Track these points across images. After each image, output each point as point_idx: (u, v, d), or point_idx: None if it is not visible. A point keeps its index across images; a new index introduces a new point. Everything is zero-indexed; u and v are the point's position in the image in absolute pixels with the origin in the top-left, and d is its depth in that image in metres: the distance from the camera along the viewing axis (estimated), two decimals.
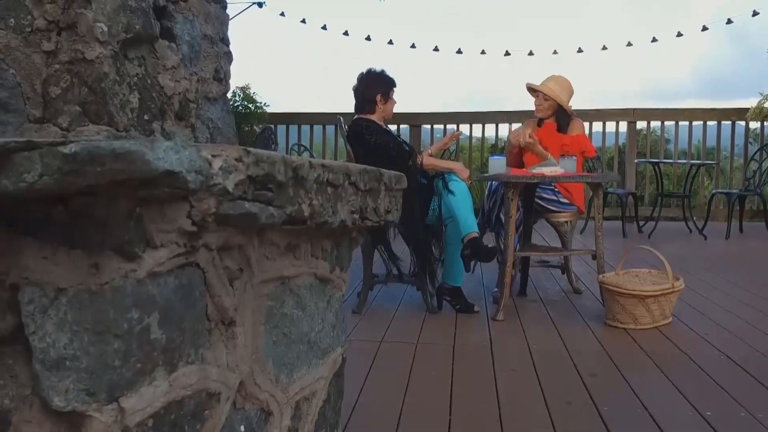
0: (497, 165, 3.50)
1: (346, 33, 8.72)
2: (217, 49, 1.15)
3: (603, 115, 7.51)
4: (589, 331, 3.13)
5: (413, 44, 8.59)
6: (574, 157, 3.66)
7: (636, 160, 7.05)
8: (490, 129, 7.87)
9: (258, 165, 0.81)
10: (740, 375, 2.52)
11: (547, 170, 3.37)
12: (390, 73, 3.58)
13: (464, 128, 7.91)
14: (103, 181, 0.64)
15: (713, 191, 6.82)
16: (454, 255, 3.40)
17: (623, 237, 6.32)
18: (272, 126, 6.37)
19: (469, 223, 3.23)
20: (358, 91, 3.52)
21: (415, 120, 7.76)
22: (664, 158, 7.76)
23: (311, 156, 7.49)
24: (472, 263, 3.26)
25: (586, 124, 7.48)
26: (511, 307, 3.52)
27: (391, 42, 8.41)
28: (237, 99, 7.51)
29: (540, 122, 4.04)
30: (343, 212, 1.07)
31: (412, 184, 3.29)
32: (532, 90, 4.00)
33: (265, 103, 7.64)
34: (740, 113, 7.19)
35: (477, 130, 7.98)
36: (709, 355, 2.76)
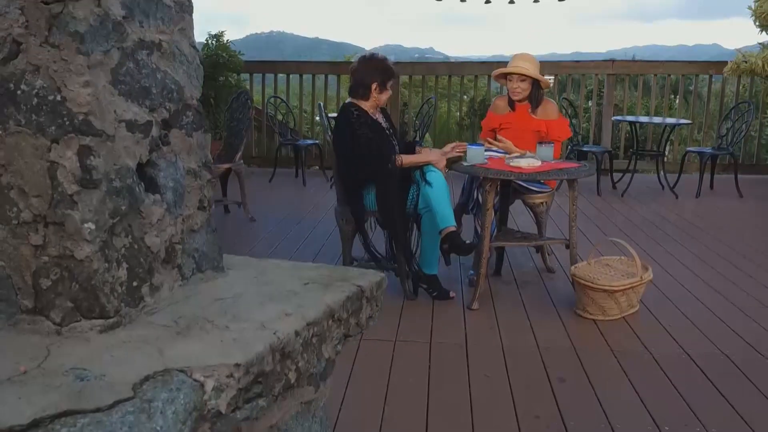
0: (475, 154, 3.52)
1: None
2: (200, 181, 1.15)
3: (581, 67, 7.47)
4: (560, 323, 3.26)
5: None
6: (552, 144, 3.69)
7: (613, 118, 7.08)
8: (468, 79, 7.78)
9: (248, 373, 0.86)
10: (699, 379, 2.68)
11: (525, 162, 3.40)
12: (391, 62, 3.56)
13: (443, 80, 7.81)
14: None
15: (686, 149, 6.91)
16: (430, 244, 3.48)
17: (598, 194, 6.43)
18: (248, 90, 6.24)
19: (446, 217, 3.29)
20: (356, 73, 3.49)
21: None
22: (640, 104, 7.83)
23: (288, 108, 7.38)
24: (450, 257, 3.34)
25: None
26: (486, 292, 3.63)
27: None
28: (210, 48, 7.29)
29: (512, 103, 4.01)
30: (327, 350, 1.12)
31: (391, 183, 3.33)
32: (501, 76, 3.97)
33: (239, 52, 7.43)
34: (718, 67, 7.20)
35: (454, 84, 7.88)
36: (671, 354, 2.92)
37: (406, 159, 3.39)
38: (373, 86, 3.41)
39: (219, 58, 7.22)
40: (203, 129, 1.18)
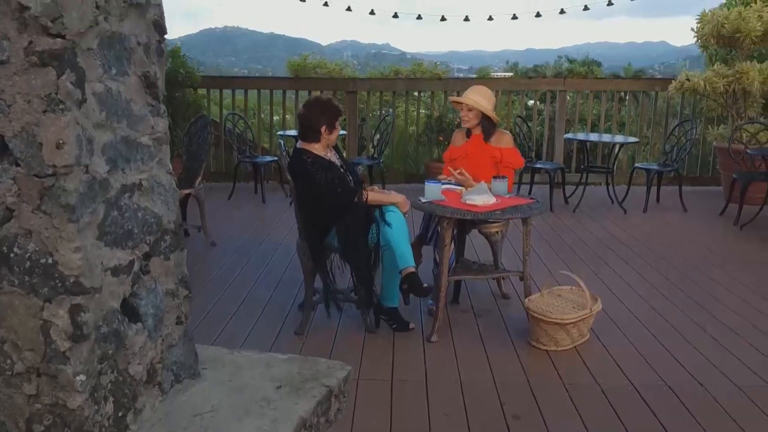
0: (432, 191, 3.64)
1: None
2: (178, 299, 1.23)
3: (534, 83, 7.69)
4: (515, 355, 3.41)
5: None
6: (506, 179, 3.85)
7: (564, 136, 7.31)
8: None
9: None
10: (644, 413, 2.85)
11: (480, 200, 3.54)
12: (335, 101, 3.65)
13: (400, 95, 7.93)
14: None
15: (634, 165, 7.18)
16: (389, 279, 3.60)
17: (550, 210, 6.64)
18: (206, 114, 6.22)
19: (406, 257, 3.40)
20: (303, 118, 3.56)
21: (351, 86, 7.73)
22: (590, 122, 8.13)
23: (246, 125, 7.38)
24: (410, 296, 3.47)
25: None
26: (445, 322, 3.76)
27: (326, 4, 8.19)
28: (167, 64, 7.24)
29: (468, 133, 4.20)
30: None
31: (356, 220, 3.42)
32: (456, 103, 4.20)
33: (199, 70, 7.41)
34: (663, 85, 7.51)
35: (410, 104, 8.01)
36: (618, 385, 3.09)
37: (372, 195, 3.49)
38: (322, 129, 3.50)
39: (177, 75, 7.18)
40: (180, 248, 1.25)
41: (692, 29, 7.14)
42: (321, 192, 3.41)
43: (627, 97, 12.71)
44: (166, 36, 1.17)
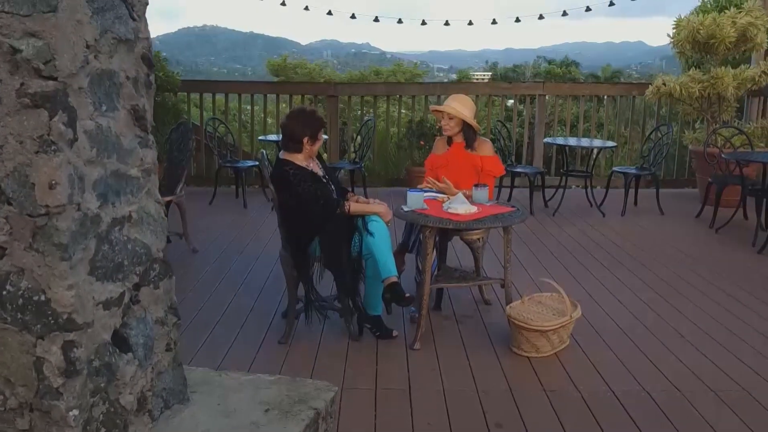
0: (415, 200, 3.68)
1: None
2: (167, 327, 1.25)
3: (514, 88, 7.76)
4: (497, 362, 3.45)
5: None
6: (486, 187, 3.90)
7: (544, 140, 7.40)
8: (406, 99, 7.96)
9: None
10: (623, 419, 2.91)
11: (462, 209, 3.58)
12: (320, 112, 3.68)
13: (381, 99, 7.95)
14: None
15: (612, 169, 7.29)
16: (372, 287, 3.63)
17: (531, 214, 6.70)
18: (187, 119, 6.20)
19: (388, 267, 3.44)
20: (287, 128, 3.58)
21: (331, 90, 7.74)
22: (569, 127, 8.24)
23: (227, 129, 7.37)
24: (392, 306, 3.51)
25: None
26: (427, 329, 3.79)
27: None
28: None
29: (449, 141, 4.25)
30: None
31: (339, 231, 3.45)
32: (437, 111, 4.24)
33: (176, 73, 7.37)
34: (641, 89, 7.62)
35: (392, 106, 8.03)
36: (597, 391, 3.15)
37: (354, 207, 3.52)
38: (305, 140, 3.53)
39: (156, 78, 7.14)
40: (168, 275, 1.27)
41: (668, 35, 7.25)
42: (303, 203, 3.43)
43: (605, 99, 12.98)
44: (153, 68, 1.19)
